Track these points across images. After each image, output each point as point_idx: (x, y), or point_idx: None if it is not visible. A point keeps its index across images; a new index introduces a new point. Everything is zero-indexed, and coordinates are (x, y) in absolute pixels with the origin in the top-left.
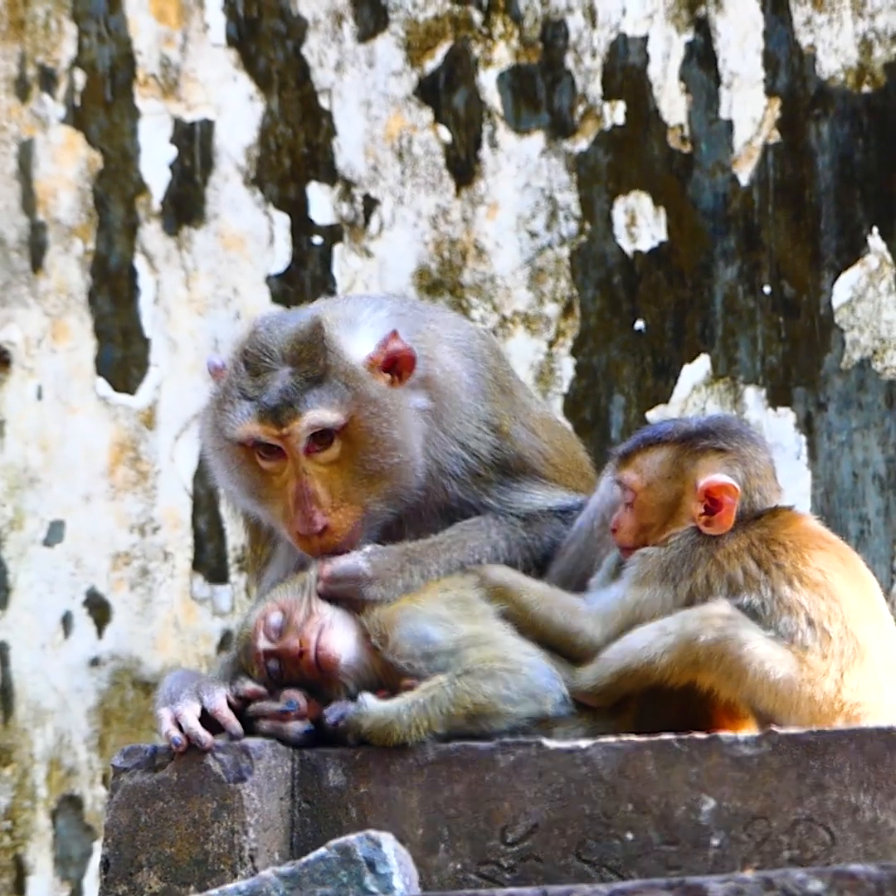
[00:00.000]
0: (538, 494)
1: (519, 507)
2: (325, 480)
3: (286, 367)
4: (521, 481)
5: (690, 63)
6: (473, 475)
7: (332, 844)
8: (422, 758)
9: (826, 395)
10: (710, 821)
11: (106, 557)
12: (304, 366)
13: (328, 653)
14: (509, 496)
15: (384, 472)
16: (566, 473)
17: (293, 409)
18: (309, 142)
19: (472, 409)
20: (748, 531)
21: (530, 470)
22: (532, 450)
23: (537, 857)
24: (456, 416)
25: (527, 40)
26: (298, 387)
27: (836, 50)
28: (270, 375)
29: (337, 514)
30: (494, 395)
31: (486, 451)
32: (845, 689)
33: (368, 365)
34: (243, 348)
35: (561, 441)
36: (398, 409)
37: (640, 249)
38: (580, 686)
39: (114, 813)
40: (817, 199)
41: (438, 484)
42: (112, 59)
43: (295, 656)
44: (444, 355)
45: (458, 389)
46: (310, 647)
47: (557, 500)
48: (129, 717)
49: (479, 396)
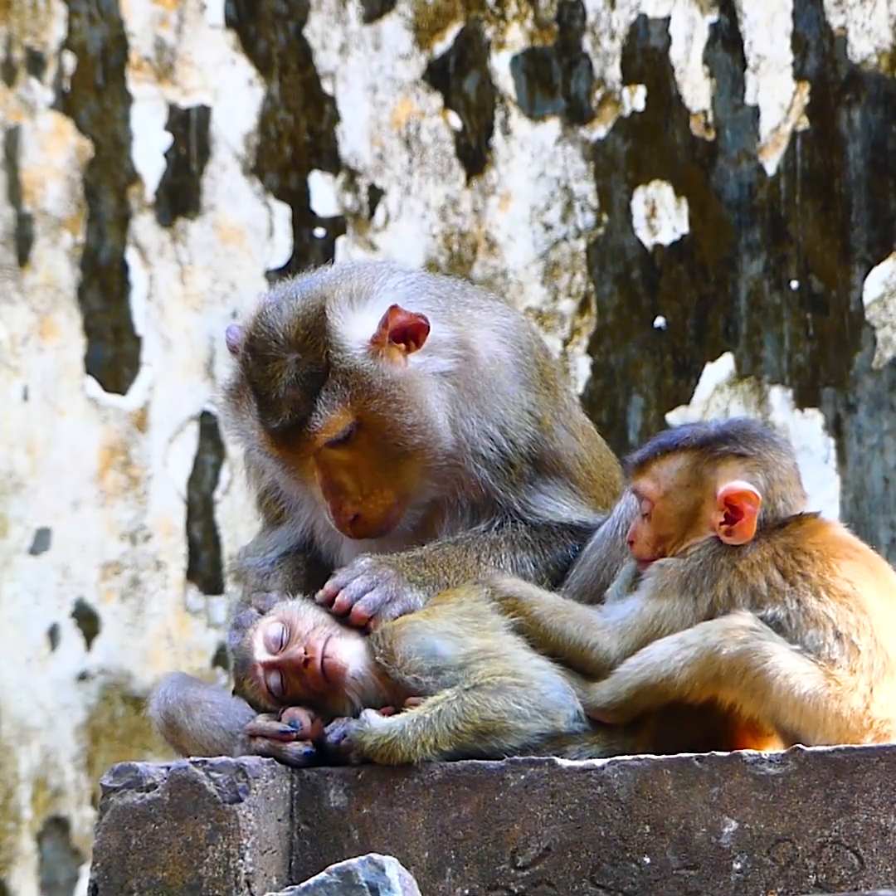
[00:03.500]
0: (564, 505)
1: (542, 514)
2: (349, 469)
3: (293, 353)
4: (552, 483)
5: (715, 46)
6: (507, 464)
7: (332, 869)
8: (427, 777)
9: (856, 396)
10: (731, 843)
11: (95, 567)
12: (308, 354)
13: (335, 661)
14: (535, 499)
15: (408, 452)
16: (599, 485)
17: (305, 430)
18: (311, 129)
19: (515, 396)
20: (772, 540)
21: (564, 471)
22: (569, 451)
23: (549, 881)
24: (497, 399)
25: (542, 21)
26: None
27: (869, 32)
28: (278, 364)
29: (368, 501)
30: (538, 388)
31: (523, 441)
32: (875, 704)
33: (373, 349)
34: (251, 333)
35: (598, 452)
36: (412, 385)
37: (660, 242)
38: (595, 702)
39: (103, 835)
40: (848, 189)
41: (471, 466)
42: (104, 41)
43: (299, 665)
44: (486, 339)
45: (502, 375)
46: (316, 655)
47: (581, 516)
48: (119, 735)
49: (523, 385)
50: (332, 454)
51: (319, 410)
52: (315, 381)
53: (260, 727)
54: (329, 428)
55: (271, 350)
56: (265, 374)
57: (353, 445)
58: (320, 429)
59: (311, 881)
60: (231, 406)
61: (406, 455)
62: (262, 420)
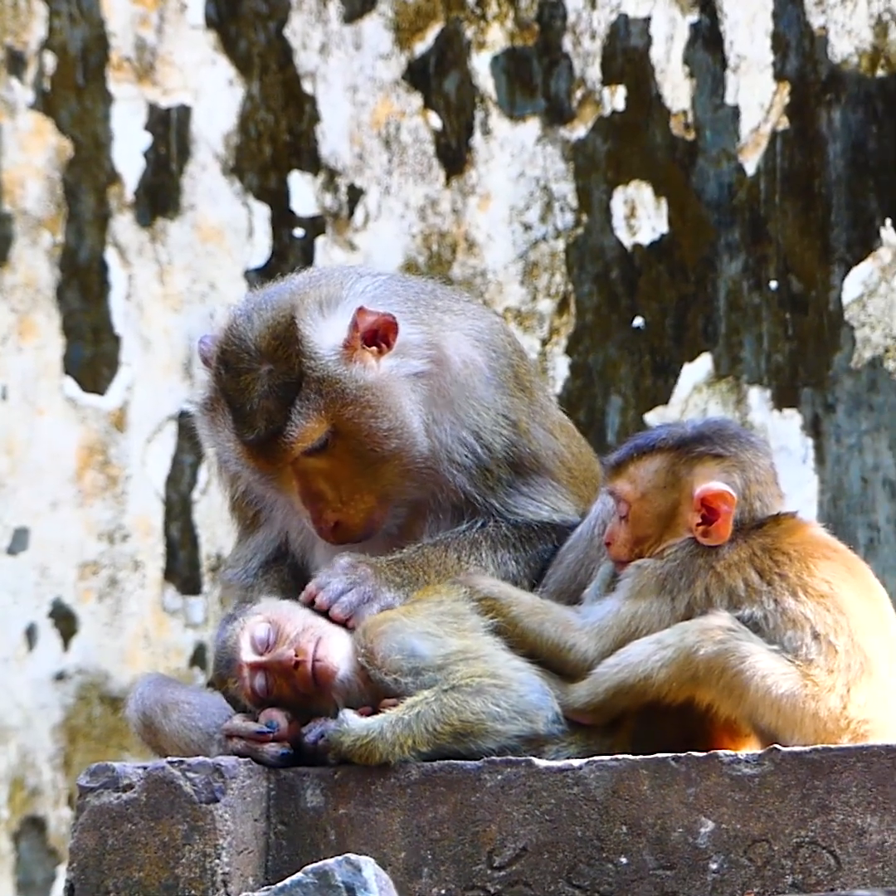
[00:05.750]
0: (545, 504)
1: (523, 514)
2: (327, 476)
3: (265, 365)
4: (533, 484)
5: (695, 45)
6: (483, 470)
7: (309, 869)
8: (404, 777)
9: (835, 396)
10: (708, 844)
11: (73, 566)
12: (280, 365)
13: (326, 665)
14: (515, 500)
15: (385, 457)
16: (580, 481)
17: (281, 440)
18: (291, 129)
19: (490, 401)
20: (750, 540)
21: (545, 471)
22: (548, 451)
23: (526, 882)
24: (471, 405)
25: (522, 21)
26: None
27: (850, 32)
28: (251, 376)
29: (348, 507)
30: (513, 391)
31: (500, 446)
32: (852, 705)
33: (345, 354)
34: (222, 345)
35: (578, 448)
36: (386, 388)
37: (640, 242)
38: (573, 703)
39: (79, 835)
40: (828, 189)
41: (447, 472)
42: (84, 41)
43: (289, 667)
44: (458, 343)
45: (475, 379)
46: (307, 658)
47: (562, 515)
48: (97, 735)
49: (497, 389)
50: (309, 463)
51: (295, 420)
52: (289, 391)
53: (236, 727)
54: (305, 437)
55: (243, 362)
56: (238, 387)
57: (330, 453)
58: (296, 438)
59: (288, 881)
60: (206, 419)
61: (383, 459)
62: (238, 433)
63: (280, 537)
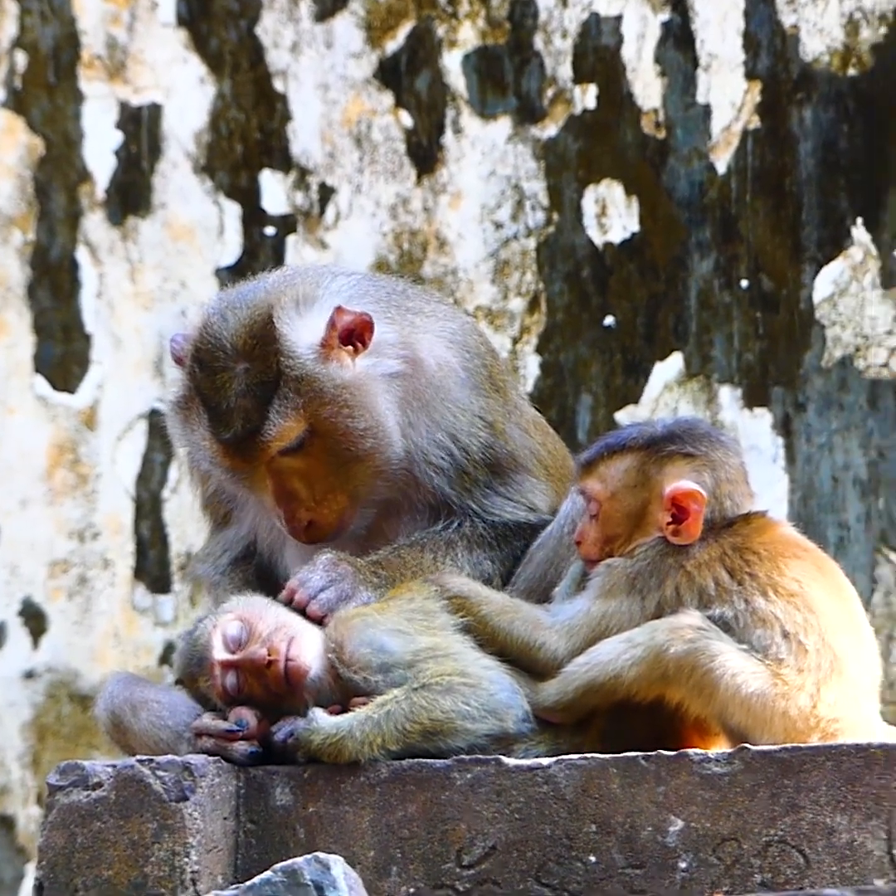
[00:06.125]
0: (522, 504)
1: (500, 514)
2: (302, 476)
3: (241, 363)
4: (509, 484)
5: (666, 44)
6: (460, 472)
7: (278, 867)
8: (374, 776)
9: (805, 395)
10: (677, 842)
11: (43, 565)
12: (257, 364)
13: (299, 664)
14: (492, 500)
15: (360, 456)
16: (556, 479)
17: (258, 439)
18: (262, 127)
19: (465, 403)
20: (720, 539)
21: (522, 470)
22: (525, 450)
23: (495, 880)
24: (447, 407)
25: (494, 20)
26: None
27: (821, 30)
28: (227, 375)
29: (321, 507)
30: (488, 392)
31: (476, 448)
32: (822, 704)
33: (322, 353)
34: (196, 344)
35: (553, 445)
36: (363, 388)
37: (610, 241)
38: (542, 701)
39: (49, 834)
40: (799, 187)
41: (423, 474)
42: (55, 39)
43: (261, 667)
44: (432, 345)
45: (450, 381)
46: (280, 658)
47: (539, 514)
48: (66, 733)
49: (472, 391)
50: (284, 462)
51: (273, 419)
52: (266, 389)
53: (206, 726)
54: (283, 436)
55: (219, 360)
56: (214, 385)
57: (306, 452)
58: (274, 437)
59: (257, 879)
60: (179, 418)
61: (358, 459)
62: (214, 431)
63: (249, 536)
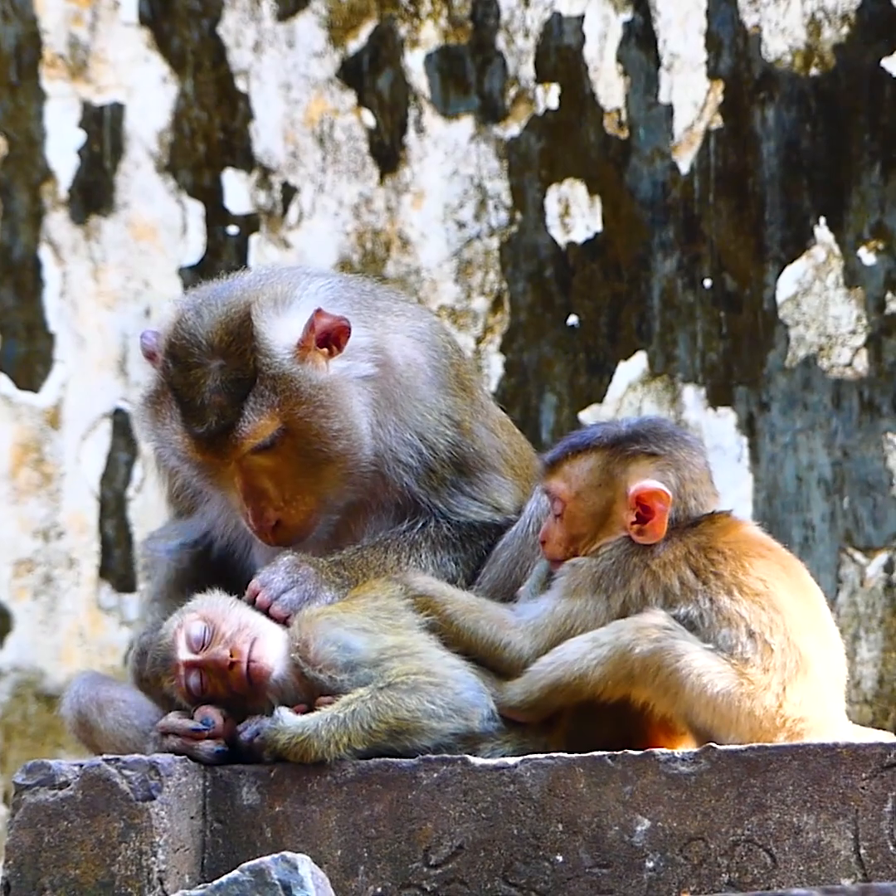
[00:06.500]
0: (488, 503)
1: (465, 514)
2: (272, 475)
3: (216, 360)
4: (476, 483)
5: (628, 44)
6: (428, 470)
7: (245, 867)
8: (340, 775)
9: (769, 395)
10: (644, 842)
11: (7, 564)
12: (233, 360)
13: (261, 665)
14: (458, 500)
15: (331, 458)
16: (523, 478)
17: (232, 435)
18: (225, 126)
19: (433, 402)
20: (685, 539)
21: (489, 469)
22: (491, 449)
23: (462, 880)
24: (415, 406)
25: (456, 19)
26: (231, 398)
27: (783, 30)
28: (201, 371)
29: (289, 507)
30: (456, 391)
31: (444, 447)
32: (787, 703)
33: (299, 353)
34: (170, 339)
35: (519, 445)
36: (337, 390)
37: (573, 241)
38: (508, 700)
39: (15, 833)
40: (761, 187)
41: (393, 473)
42: (17, 38)
43: (224, 668)
44: (401, 345)
45: (419, 381)
46: (242, 659)
47: (505, 515)
48: (32, 732)
49: (440, 390)
50: (255, 460)
51: (247, 416)
52: (242, 386)
53: (172, 725)
54: (256, 434)
55: (194, 356)
56: (188, 381)
57: (277, 451)
58: (248, 434)
59: (224, 879)
60: (149, 413)
61: (329, 461)
62: (187, 426)
63: (209, 530)
